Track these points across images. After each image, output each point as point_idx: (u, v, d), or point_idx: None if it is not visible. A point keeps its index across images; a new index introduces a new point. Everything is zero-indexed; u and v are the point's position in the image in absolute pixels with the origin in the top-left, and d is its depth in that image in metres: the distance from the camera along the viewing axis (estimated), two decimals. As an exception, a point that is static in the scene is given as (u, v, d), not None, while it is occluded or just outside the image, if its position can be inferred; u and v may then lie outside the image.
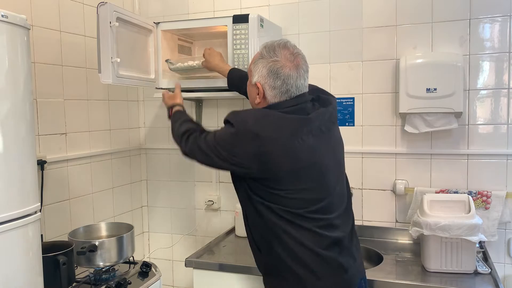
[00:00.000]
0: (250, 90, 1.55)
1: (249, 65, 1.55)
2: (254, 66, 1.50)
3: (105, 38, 1.82)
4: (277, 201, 1.43)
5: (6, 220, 1.29)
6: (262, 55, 1.48)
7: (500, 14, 2.08)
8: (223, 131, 1.47)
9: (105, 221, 2.28)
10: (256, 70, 1.48)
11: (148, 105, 2.76)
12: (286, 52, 1.46)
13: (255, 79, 1.48)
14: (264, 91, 1.46)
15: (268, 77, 1.45)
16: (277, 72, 1.44)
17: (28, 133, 1.39)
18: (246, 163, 1.42)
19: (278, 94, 1.45)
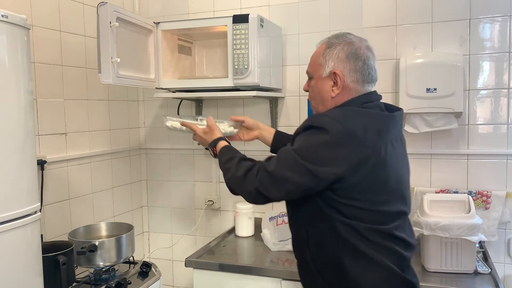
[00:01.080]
0: (320, 87, 1.40)
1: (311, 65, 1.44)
2: (323, 58, 1.38)
3: (105, 38, 1.82)
4: (359, 216, 1.27)
5: (6, 220, 1.29)
6: (330, 44, 1.39)
7: (500, 14, 2.08)
8: (306, 141, 1.28)
9: (105, 221, 2.28)
10: (330, 59, 1.36)
11: (148, 105, 2.76)
12: (352, 36, 1.42)
13: (331, 68, 1.36)
14: (344, 78, 1.35)
15: (347, 60, 1.35)
16: (356, 53, 1.36)
17: (28, 133, 1.39)
18: (342, 171, 1.24)
19: (361, 78, 1.37)
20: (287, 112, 2.46)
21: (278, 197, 1.35)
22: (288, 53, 2.42)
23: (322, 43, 1.44)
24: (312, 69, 1.44)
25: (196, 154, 2.67)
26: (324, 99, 1.40)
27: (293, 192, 1.31)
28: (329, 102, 1.39)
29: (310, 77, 1.46)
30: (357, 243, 1.28)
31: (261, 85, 2.11)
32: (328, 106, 1.39)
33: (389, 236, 1.30)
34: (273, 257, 2.08)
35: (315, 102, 1.45)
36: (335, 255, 1.31)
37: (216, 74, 2.44)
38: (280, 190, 1.31)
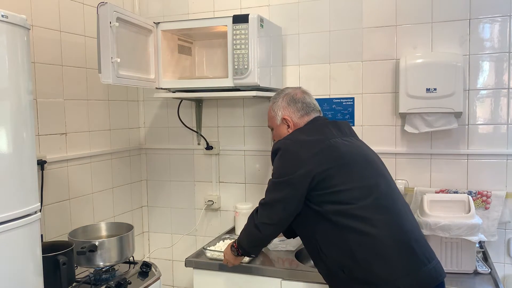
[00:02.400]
0: (279, 132, 1.76)
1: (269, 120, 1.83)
2: (273, 111, 1.77)
3: (105, 38, 1.82)
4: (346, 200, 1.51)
5: (6, 220, 1.29)
6: (274, 100, 1.79)
7: (500, 14, 2.08)
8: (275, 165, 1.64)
9: (105, 221, 2.28)
10: (277, 110, 1.76)
11: (148, 105, 2.76)
12: (289, 89, 1.81)
13: (280, 116, 1.74)
14: (292, 119, 1.72)
15: (289, 106, 1.74)
16: (293, 98, 1.75)
17: (28, 133, 1.39)
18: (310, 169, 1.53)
19: (304, 114, 1.73)
20: (287, 112, 2.46)
21: (279, 218, 1.62)
22: (288, 53, 2.42)
23: (270, 102, 1.82)
24: (270, 123, 1.83)
25: (196, 154, 2.68)
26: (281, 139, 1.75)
27: (287, 209, 1.59)
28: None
29: (272, 129, 1.83)
30: (357, 224, 1.48)
31: (261, 85, 2.11)
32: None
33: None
34: (273, 257, 2.08)
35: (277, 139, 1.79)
36: (344, 246, 1.49)
37: (216, 74, 2.44)
38: (276, 211, 1.61)
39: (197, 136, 2.65)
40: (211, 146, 2.59)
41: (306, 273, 1.90)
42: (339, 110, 2.35)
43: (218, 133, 2.61)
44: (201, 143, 2.64)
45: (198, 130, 2.63)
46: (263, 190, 2.51)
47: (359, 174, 1.56)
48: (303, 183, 1.53)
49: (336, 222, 1.50)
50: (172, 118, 2.67)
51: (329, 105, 2.36)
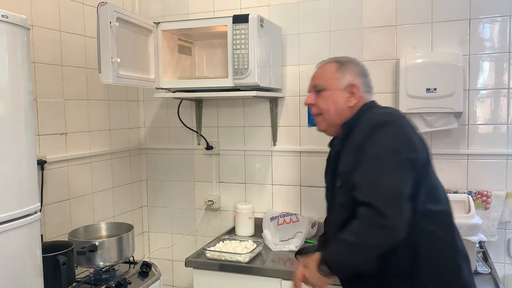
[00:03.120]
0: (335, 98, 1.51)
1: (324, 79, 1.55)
2: (340, 73, 1.53)
3: (105, 38, 1.82)
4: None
5: (6, 220, 1.29)
6: (343, 62, 1.56)
7: (500, 14, 2.08)
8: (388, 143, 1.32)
9: (105, 221, 2.28)
10: (346, 73, 1.52)
11: (148, 105, 2.76)
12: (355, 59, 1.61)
13: (348, 80, 1.51)
14: (360, 90, 1.52)
15: (361, 76, 1.55)
16: (364, 71, 1.57)
17: (28, 133, 1.39)
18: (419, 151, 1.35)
19: (368, 91, 1.56)
20: (287, 112, 2.46)
21: (405, 213, 1.26)
22: (288, 53, 2.42)
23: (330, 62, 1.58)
24: (325, 83, 1.54)
25: (196, 154, 2.68)
26: (341, 109, 1.52)
27: (407, 195, 1.27)
28: (345, 111, 1.52)
29: (320, 90, 1.55)
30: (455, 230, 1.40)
31: (261, 85, 2.11)
32: (344, 115, 1.52)
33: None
34: (273, 257, 2.08)
35: (328, 113, 1.54)
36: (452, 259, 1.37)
37: (216, 74, 2.44)
38: (402, 204, 1.26)
39: (197, 136, 2.65)
40: (211, 146, 2.59)
41: (306, 273, 1.89)
42: (339, 110, 2.34)
43: (218, 133, 2.61)
44: (201, 143, 2.64)
45: (198, 130, 2.63)
46: (263, 190, 2.55)
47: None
48: (423, 168, 1.33)
49: (441, 226, 1.32)
50: (172, 118, 2.67)
51: (329, 105, 2.36)
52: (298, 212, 2.44)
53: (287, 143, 2.48)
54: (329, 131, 1.59)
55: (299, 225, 2.26)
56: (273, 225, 2.27)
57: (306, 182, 2.45)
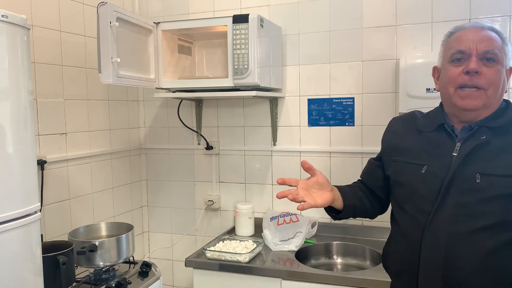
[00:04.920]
0: (501, 77, 1.26)
1: (499, 47, 1.26)
2: (505, 48, 1.27)
3: (105, 38, 1.82)
4: None
5: (6, 220, 1.29)
6: (505, 39, 1.29)
7: (500, 14, 2.08)
8: None
9: (105, 221, 2.28)
10: (509, 52, 1.27)
11: (148, 105, 2.76)
12: None
13: (510, 64, 1.28)
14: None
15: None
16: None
17: (28, 133, 1.39)
18: None
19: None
20: (287, 112, 2.46)
21: None
22: (288, 53, 2.42)
23: (492, 31, 1.29)
24: (500, 55, 1.26)
25: (196, 154, 2.68)
26: (501, 91, 1.28)
27: None
28: (501, 96, 1.28)
29: (493, 60, 1.25)
30: None
31: (261, 85, 2.11)
32: (499, 100, 1.29)
33: None
34: (273, 257, 2.08)
35: (493, 90, 1.26)
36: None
37: (216, 74, 2.44)
38: None
39: (197, 136, 2.65)
40: (211, 146, 2.59)
41: (306, 273, 1.90)
42: (339, 110, 2.35)
43: (218, 133, 2.61)
44: (201, 143, 2.64)
45: (198, 130, 2.63)
46: (263, 190, 2.55)
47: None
48: None
49: None
50: (172, 118, 2.67)
51: (329, 105, 2.36)
52: (298, 212, 2.44)
53: (287, 143, 2.48)
54: (476, 114, 1.29)
55: (299, 225, 2.26)
56: (273, 225, 2.27)
57: (306, 182, 2.44)
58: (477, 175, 1.21)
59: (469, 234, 1.20)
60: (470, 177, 1.22)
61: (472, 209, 1.21)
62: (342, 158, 2.36)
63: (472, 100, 1.26)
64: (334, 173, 2.38)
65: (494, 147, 1.23)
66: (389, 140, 1.52)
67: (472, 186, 1.21)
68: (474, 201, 1.21)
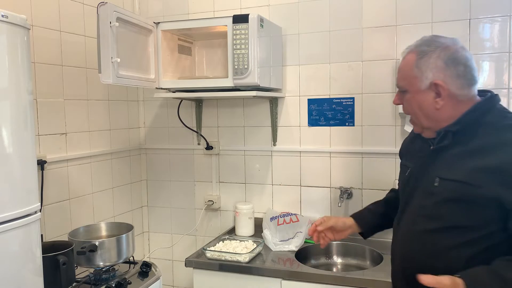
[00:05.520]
0: (420, 101, 1.28)
1: (403, 79, 1.32)
2: (418, 69, 1.26)
3: (105, 38, 1.82)
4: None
5: (6, 220, 1.29)
6: (422, 53, 1.27)
7: (500, 14, 2.08)
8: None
9: (105, 221, 2.28)
10: (426, 69, 1.25)
11: (148, 105, 2.76)
12: (443, 39, 1.30)
13: (430, 79, 1.24)
14: (448, 88, 1.23)
15: (447, 68, 1.23)
16: (455, 57, 1.25)
17: (28, 133, 1.39)
18: None
19: (466, 84, 1.25)
20: (287, 112, 2.46)
21: None
22: (288, 53, 2.42)
23: (410, 52, 1.30)
24: (405, 83, 1.31)
25: (196, 154, 2.68)
26: (429, 113, 1.29)
27: None
28: (435, 114, 1.28)
29: (403, 91, 1.34)
30: None
31: (261, 85, 2.11)
32: (436, 119, 1.29)
33: None
34: (273, 257, 2.08)
35: (417, 116, 1.32)
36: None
37: (216, 74, 2.44)
38: None
39: (197, 136, 2.65)
40: (211, 146, 2.59)
41: (306, 273, 1.90)
42: (339, 110, 2.35)
43: (218, 133, 2.61)
44: (201, 143, 2.64)
45: (198, 130, 2.63)
46: (263, 190, 2.55)
47: None
48: None
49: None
50: (172, 118, 2.67)
51: (329, 105, 2.36)
52: (298, 212, 2.44)
53: (287, 143, 2.48)
54: (427, 134, 1.34)
55: (299, 225, 2.26)
56: (273, 225, 2.28)
57: (306, 182, 2.45)
58: (437, 179, 1.26)
59: (423, 234, 1.29)
60: (431, 181, 1.28)
61: (428, 211, 1.28)
62: (342, 158, 2.36)
63: (414, 126, 1.38)
64: (334, 173, 2.38)
65: (456, 151, 1.25)
66: (403, 143, 1.61)
67: (431, 189, 1.27)
68: (430, 204, 1.27)
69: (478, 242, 1.20)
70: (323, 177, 2.40)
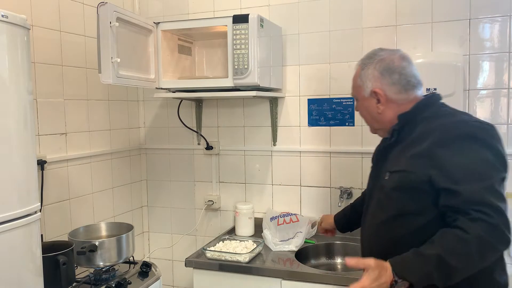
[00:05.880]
0: (366, 107, 1.48)
1: (353, 88, 1.52)
2: (360, 80, 1.47)
3: (105, 38, 1.82)
4: None
5: (6, 220, 1.29)
6: (363, 65, 1.46)
7: (500, 14, 2.08)
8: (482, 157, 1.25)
9: (105, 221, 2.28)
10: (366, 80, 1.44)
11: (148, 105, 2.76)
12: (383, 52, 1.46)
13: (370, 87, 1.44)
14: (385, 94, 1.42)
15: (382, 77, 1.42)
16: (389, 67, 1.41)
17: (28, 133, 1.39)
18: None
19: (402, 89, 1.41)
20: (287, 112, 2.46)
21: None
22: (288, 53, 2.42)
23: (357, 65, 1.51)
24: (355, 92, 1.53)
25: (196, 154, 2.68)
26: (374, 116, 1.48)
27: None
28: (380, 117, 1.47)
29: (356, 99, 1.55)
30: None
31: (261, 85, 2.11)
32: (382, 121, 1.47)
33: None
34: (273, 257, 2.08)
35: (367, 120, 1.54)
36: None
37: (216, 74, 2.44)
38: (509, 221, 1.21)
39: (197, 136, 2.65)
40: (211, 146, 2.59)
41: (306, 273, 1.90)
42: (339, 110, 2.35)
43: (218, 133, 2.61)
44: (201, 143, 2.64)
45: (198, 130, 2.63)
46: (263, 190, 2.55)
47: None
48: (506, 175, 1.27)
49: None
50: (172, 118, 2.67)
51: (329, 105, 2.36)
52: (298, 212, 2.44)
53: (287, 143, 2.48)
54: (381, 134, 1.55)
55: (299, 225, 2.26)
56: (273, 225, 2.28)
57: (306, 182, 2.45)
58: (387, 173, 1.40)
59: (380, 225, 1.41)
60: (383, 176, 1.41)
61: (381, 203, 1.42)
62: (342, 158, 2.36)
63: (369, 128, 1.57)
64: (334, 173, 2.38)
65: (400, 146, 1.40)
66: (375, 148, 1.70)
67: (383, 183, 1.41)
68: (382, 196, 1.41)
69: (428, 227, 1.28)
70: (323, 177, 2.40)
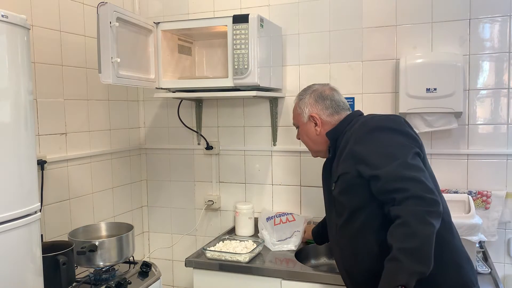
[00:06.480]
0: (306, 131, 1.72)
1: (294, 118, 1.78)
2: (300, 108, 1.73)
3: (105, 38, 1.82)
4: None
5: (6, 220, 1.29)
6: (300, 98, 1.75)
7: (500, 14, 2.08)
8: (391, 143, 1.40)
9: (105, 221, 2.28)
10: (304, 108, 1.71)
11: (148, 105, 2.76)
12: (316, 85, 1.76)
13: (307, 113, 1.70)
14: (320, 117, 1.68)
15: (316, 103, 1.69)
16: (321, 95, 1.70)
17: (28, 133, 1.39)
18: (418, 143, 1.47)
19: (334, 111, 1.67)
20: (287, 112, 2.46)
21: (435, 193, 1.31)
22: (288, 53, 2.42)
23: (295, 98, 1.79)
24: (295, 120, 1.79)
25: (196, 154, 2.68)
26: (314, 139, 1.72)
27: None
28: (318, 139, 1.70)
29: (297, 127, 1.79)
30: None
31: (261, 85, 2.11)
32: (319, 142, 1.70)
33: None
34: (273, 257, 2.08)
35: (309, 145, 1.77)
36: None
37: (216, 74, 2.44)
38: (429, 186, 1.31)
39: (197, 136, 2.65)
40: (211, 146, 2.59)
41: (306, 273, 1.90)
42: (339, 110, 2.35)
43: (218, 133, 2.61)
44: (201, 143, 2.64)
45: (198, 130, 2.63)
46: (263, 190, 2.55)
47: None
48: (420, 151, 1.43)
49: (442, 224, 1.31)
50: (172, 118, 2.67)
51: (329, 105, 2.36)
52: (299, 212, 2.44)
53: (287, 143, 2.48)
54: (321, 156, 1.77)
55: (295, 224, 2.26)
56: (269, 225, 2.27)
57: (306, 182, 2.45)
58: (333, 184, 1.56)
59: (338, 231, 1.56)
60: (331, 188, 1.58)
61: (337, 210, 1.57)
62: (342, 158, 2.36)
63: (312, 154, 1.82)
64: (334, 173, 2.38)
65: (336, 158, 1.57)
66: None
67: (333, 194, 1.56)
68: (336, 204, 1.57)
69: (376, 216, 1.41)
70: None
